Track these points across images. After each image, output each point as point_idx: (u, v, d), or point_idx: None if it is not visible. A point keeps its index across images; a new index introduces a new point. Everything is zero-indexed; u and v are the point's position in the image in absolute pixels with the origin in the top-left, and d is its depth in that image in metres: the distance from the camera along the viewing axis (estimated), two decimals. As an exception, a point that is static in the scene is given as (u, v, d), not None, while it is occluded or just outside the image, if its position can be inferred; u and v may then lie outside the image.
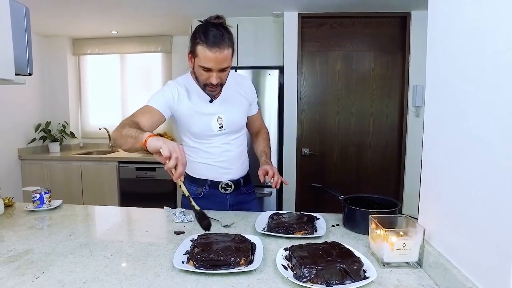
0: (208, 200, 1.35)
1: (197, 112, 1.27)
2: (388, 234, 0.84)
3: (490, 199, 0.62)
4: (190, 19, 2.95)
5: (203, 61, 1.14)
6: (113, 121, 3.78)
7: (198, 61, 1.16)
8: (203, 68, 1.16)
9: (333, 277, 0.74)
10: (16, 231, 1.13)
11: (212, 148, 1.32)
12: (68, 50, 3.65)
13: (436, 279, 0.77)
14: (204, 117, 1.28)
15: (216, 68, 1.15)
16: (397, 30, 2.79)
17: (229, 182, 1.35)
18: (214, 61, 1.13)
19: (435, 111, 0.85)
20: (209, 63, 1.13)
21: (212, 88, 1.20)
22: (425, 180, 0.90)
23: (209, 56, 1.12)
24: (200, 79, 1.20)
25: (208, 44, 1.11)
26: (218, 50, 1.11)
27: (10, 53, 1.07)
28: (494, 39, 0.62)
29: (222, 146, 1.33)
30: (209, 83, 1.18)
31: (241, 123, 1.37)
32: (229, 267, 0.81)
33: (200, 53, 1.13)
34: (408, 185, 2.83)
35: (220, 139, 1.32)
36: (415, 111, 2.77)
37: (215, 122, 1.28)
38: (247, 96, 1.37)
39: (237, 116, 1.34)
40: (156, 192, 3.11)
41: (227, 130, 1.31)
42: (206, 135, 1.30)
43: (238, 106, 1.34)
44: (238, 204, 1.39)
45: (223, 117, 1.29)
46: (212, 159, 1.33)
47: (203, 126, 1.28)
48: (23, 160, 3.26)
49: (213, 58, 1.12)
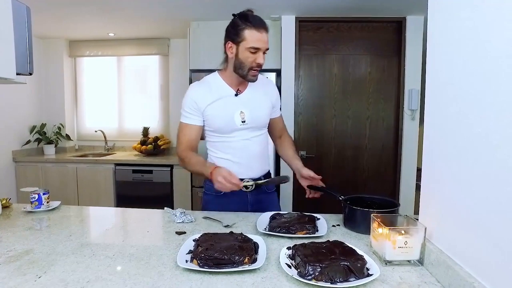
0: (228, 198, 1.35)
1: (221, 106, 1.31)
2: (390, 233, 0.85)
3: (490, 196, 0.64)
4: (187, 22, 2.96)
5: (251, 42, 1.22)
6: (109, 124, 3.77)
7: (246, 44, 1.23)
8: (251, 50, 1.23)
9: (337, 274, 0.75)
10: (14, 231, 1.11)
11: (233, 143, 1.34)
12: (64, 52, 3.63)
13: (438, 276, 0.78)
14: (228, 111, 1.32)
15: (264, 47, 1.24)
16: (393, 35, 2.83)
17: (250, 180, 1.33)
18: (262, 41, 1.22)
19: (435, 112, 0.87)
20: (258, 43, 1.22)
21: (256, 71, 1.27)
22: (426, 179, 0.91)
23: (258, 36, 1.21)
24: (247, 62, 1.25)
25: (256, 25, 1.21)
26: (264, 31, 1.23)
27: (12, 52, 1.07)
28: (493, 42, 0.64)
29: (243, 142, 1.35)
30: (255, 65, 1.25)
31: (263, 120, 1.39)
32: (233, 266, 0.81)
33: (248, 36, 1.22)
34: (404, 187, 2.86)
35: (241, 134, 1.34)
36: (411, 114, 2.80)
37: (238, 116, 1.31)
38: (271, 97, 1.43)
39: (260, 113, 1.37)
40: (153, 194, 3.10)
41: (249, 125, 1.34)
42: (228, 129, 1.33)
43: (261, 103, 1.38)
44: (258, 203, 1.39)
45: (246, 112, 1.32)
46: (233, 154, 1.35)
47: (226, 119, 1.31)
48: (18, 163, 3.22)
49: (261, 38, 1.22)
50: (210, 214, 1.30)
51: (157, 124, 3.73)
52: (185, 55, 3.12)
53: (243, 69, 1.27)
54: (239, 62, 1.27)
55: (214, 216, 1.28)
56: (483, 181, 0.66)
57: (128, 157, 3.29)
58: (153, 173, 3.10)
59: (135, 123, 3.72)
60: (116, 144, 3.77)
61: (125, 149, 3.74)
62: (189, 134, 1.33)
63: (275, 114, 1.48)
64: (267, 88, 1.43)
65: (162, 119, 3.73)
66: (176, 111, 3.64)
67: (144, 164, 3.11)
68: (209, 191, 1.39)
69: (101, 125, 3.73)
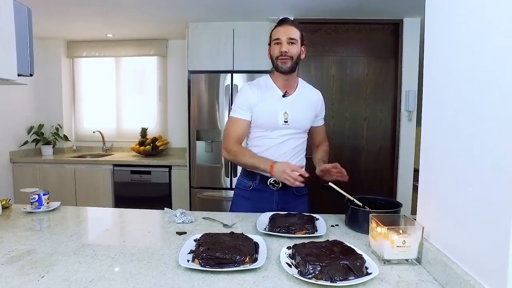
0: (256, 194, 1.43)
1: (269, 104, 1.42)
2: (389, 232, 0.87)
3: (486, 196, 0.65)
4: (186, 23, 2.97)
5: (274, 35, 1.38)
6: (107, 124, 3.76)
7: (272, 39, 1.40)
8: (275, 42, 1.37)
9: (337, 273, 0.76)
10: (15, 232, 1.12)
11: (273, 140, 1.42)
12: (62, 53, 3.63)
13: (435, 275, 0.80)
14: (273, 110, 1.41)
15: (284, 37, 1.35)
16: (390, 37, 2.86)
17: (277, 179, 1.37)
18: (282, 32, 1.36)
19: (432, 114, 0.89)
20: (278, 34, 1.36)
21: (283, 59, 1.36)
22: (423, 180, 0.93)
23: (278, 29, 1.37)
24: (274, 53, 1.39)
25: (279, 23, 1.39)
26: (286, 24, 1.37)
27: (13, 54, 1.08)
28: (489, 45, 0.66)
29: (282, 141, 1.42)
30: (280, 54, 1.35)
31: (304, 124, 1.46)
32: (234, 265, 0.82)
33: (273, 33, 1.39)
34: (401, 187, 2.88)
35: (282, 133, 1.41)
36: (408, 116, 2.83)
37: (281, 115, 1.40)
38: (315, 106, 1.50)
39: (302, 117, 1.44)
40: (151, 195, 3.10)
41: (290, 126, 1.41)
42: (271, 127, 1.42)
43: (304, 109, 1.45)
44: (284, 203, 1.42)
45: (289, 113, 1.40)
46: (271, 151, 1.41)
47: (270, 117, 1.41)
48: (15, 163, 3.21)
49: (282, 30, 1.36)
50: (210, 214, 1.32)
51: (155, 125, 3.73)
52: (183, 56, 3.13)
53: (273, 62, 1.40)
54: (271, 58, 1.42)
55: (214, 216, 1.29)
56: (479, 181, 0.68)
57: (126, 157, 3.29)
58: (151, 173, 3.10)
59: (133, 124, 3.72)
60: (114, 145, 3.76)
61: (123, 150, 3.74)
62: (239, 128, 1.44)
63: (317, 122, 1.54)
64: (314, 97, 1.51)
65: (160, 120, 3.74)
66: (175, 111, 3.65)
67: (143, 164, 3.11)
68: (240, 185, 1.51)
69: (99, 125, 3.72)
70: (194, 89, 2.88)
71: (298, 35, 1.37)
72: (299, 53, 1.39)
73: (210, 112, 2.88)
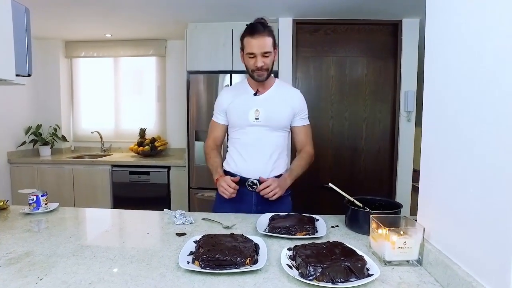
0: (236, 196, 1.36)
1: (240, 103, 1.44)
2: (390, 233, 0.87)
3: (487, 197, 0.65)
4: (185, 23, 2.96)
5: (248, 48, 1.34)
6: (105, 125, 3.75)
7: (245, 51, 1.36)
8: (249, 56, 1.35)
9: (338, 275, 0.76)
10: (13, 233, 1.11)
11: (247, 140, 1.43)
12: (60, 53, 3.61)
13: (436, 276, 0.80)
14: (245, 107, 1.43)
15: (259, 52, 1.33)
16: (389, 37, 2.86)
17: (255, 180, 1.39)
18: (256, 46, 1.32)
19: (432, 115, 0.89)
20: (252, 48, 1.32)
21: (259, 71, 1.36)
22: (424, 181, 0.93)
23: (252, 42, 1.32)
24: (249, 65, 1.38)
25: (251, 33, 1.32)
26: (258, 35, 1.31)
27: (11, 54, 1.07)
28: (489, 46, 0.66)
29: (256, 140, 1.42)
30: (255, 68, 1.36)
31: (278, 122, 1.44)
32: (235, 267, 0.82)
33: (246, 44, 1.35)
34: (400, 188, 2.88)
35: (255, 131, 1.42)
36: (407, 116, 2.83)
37: (252, 113, 1.42)
38: (292, 104, 1.46)
39: (276, 114, 1.43)
40: (150, 196, 3.09)
41: (263, 124, 1.42)
42: (242, 124, 1.43)
43: (279, 106, 1.44)
44: (263, 204, 1.40)
45: (261, 110, 1.41)
46: (245, 151, 1.43)
47: (241, 114, 1.43)
48: (13, 164, 3.19)
49: (255, 43, 1.32)
50: (210, 215, 1.31)
51: (154, 125, 3.72)
52: (182, 57, 3.12)
53: (248, 72, 1.41)
54: (245, 66, 1.42)
55: (214, 217, 1.28)
56: (480, 182, 0.67)
57: (125, 158, 3.28)
58: (150, 174, 3.09)
59: (131, 124, 3.71)
60: (112, 145, 3.75)
61: (122, 150, 3.72)
62: (216, 131, 1.53)
63: (298, 122, 1.50)
64: (290, 94, 1.49)
65: (159, 120, 3.73)
66: (173, 112, 3.64)
67: (141, 165, 3.10)
68: None
69: (98, 126, 3.71)
70: (193, 90, 2.87)
71: (271, 43, 1.34)
72: (274, 60, 1.40)
73: (209, 112, 2.87)
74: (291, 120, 1.47)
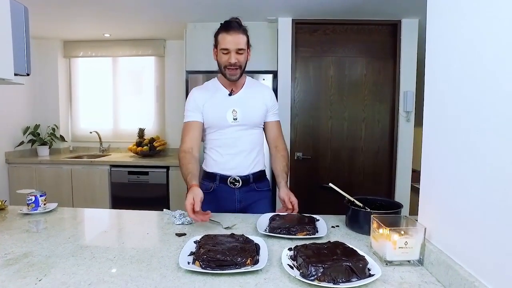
0: (217, 195, 1.43)
1: (216, 104, 1.42)
2: (391, 233, 0.86)
3: (488, 196, 0.65)
4: (184, 23, 2.96)
5: (222, 44, 1.33)
6: (104, 125, 3.74)
7: (219, 47, 1.35)
8: (223, 52, 1.34)
9: (339, 275, 0.76)
10: (11, 234, 1.10)
11: (225, 140, 1.42)
12: (59, 53, 3.60)
13: (438, 276, 0.79)
14: (222, 108, 1.41)
15: (233, 48, 1.32)
16: (388, 37, 2.86)
17: (237, 177, 1.41)
18: (231, 42, 1.31)
19: (433, 115, 0.88)
20: (227, 44, 1.32)
21: (232, 69, 1.36)
22: (424, 180, 0.92)
23: (227, 38, 1.32)
24: (221, 62, 1.37)
25: (226, 28, 1.32)
26: (234, 32, 1.31)
27: (10, 53, 1.06)
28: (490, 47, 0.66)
29: (234, 139, 1.42)
30: (228, 64, 1.35)
31: (255, 120, 1.45)
32: (235, 267, 0.81)
33: (220, 39, 1.34)
34: (399, 188, 2.88)
35: (233, 131, 1.42)
36: (406, 116, 2.83)
37: (230, 113, 1.40)
38: (264, 100, 1.48)
39: (253, 113, 1.44)
40: (149, 196, 3.08)
41: (241, 123, 1.41)
42: (221, 125, 1.41)
43: (254, 104, 1.45)
44: (246, 200, 1.44)
45: (238, 110, 1.41)
46: (224, 150, 1.42)
47: (219, 116, 1.41)
48: (10, 164, 3.17)
49: (230, 39, 1.31)
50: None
51: (152, 125, 3.71)
52: (181, 56, 3.11)
53: (221, 69, 1.40)
54: (218, 64, 1.40)
55: (214, 217, 1.27)
56: (481, 182, 0.67)
57: (124, 158, 3.27)
58: (149, 174, 3.08)
59: (130, 124, 3.70)
60: (111, 145, 3.73)
61: (121, 150, 3.71)
62: (192, 131, 1.43)
63: (270, 117, 1.52)
64: (262, 91, 1.50)
65: (158, 120, 3.72)
66: (172, 112, 3.63)
67: (140, 165, 3.09)
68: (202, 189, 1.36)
69: (96, 126, 3.69)
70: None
71: (245, 41, 1.36)
72: (247, 60, 1.40)
73: (208, 112, 2.87)
74: (265, 116, 1.49)
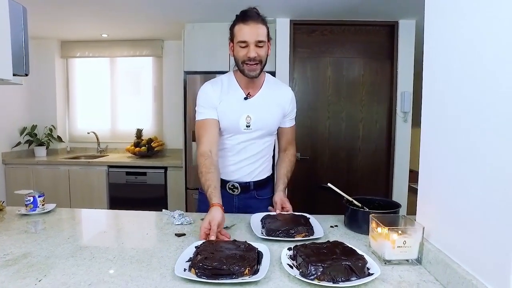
0: None
1: (229, 107, 1.30)
2: (390, 233, 0.87)
3: (486, 196, 0.66)
4: (182, 24, 2.96)
5: (239, 36, 1.20)
6: (102, 125, 3.73)
7: (236, 40, 1.21)
8: (240, 45, 1.20)
9: (339, 274, 0.76)
10: (10, 235, 1.10)
11: (231, 145, 1.34)
12: (56, 53, 3.58)
13: (436, 275, 0.80)
14: (235, 113, 1.30)
15: (252, 40, 1.18)
16: (386, 38, 2.88)
17: (235, 183, 1.36)
18: (249, 34, 1.18)
19: (431, 115, 0.89)
20: (245, 36, 1.18)
21: (251, 65, 1.22)
22: (423, 180, 0.93)
23: (245, 29, 1.18)
24: (239, 56, 1.23)
25: (244, 19, 1.19)
26: (252, 22, 1.18)
27: (8, 53, 1.06)
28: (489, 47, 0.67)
29: (243, 145, 1.33)
30: (247, 58, 1.21)
31: (269, 128, 1.35)
32: (232, 277, 0.77)
33: (237, 31, 1.21)
34: (396, 188, 2.90)
35: (243, 137, 1.33)
36: (403, 117, 2.85)
37: (243, 119, 1.30)
38: (283, 106, 1.37)
39: (267, 121, 1.33)
40: (147, 197, 3.07)
41: (253, 130, 1.32)
42: (230, 130, 1.32)
43: (269, 111, 1.33)
44: (245, 207, 1.38)
45: (252, 116, 1.30)
46: (232, 155, 1.35)
47: (232, 121, 1.31)
48: (7, 165, 3.16)
49: (248, 30, 1.18)
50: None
51: (150, 126, 3.71)
52: (179, 57, 3.11)
53: (238, 65, 1.26)
54: (235, 59, 1.27)
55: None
56: (480, 182, 0.68)
57: (122, 159, 3.26)
58: (147, 175, 3.07)
59: (128, 125, 3.69)
60: (109, 146, 3.73)
61: (118, 151, 3.70)
62: (209, 130, 1.29)
63: (286, 123, 1.42)
64: (282, 94, 1.37)
65: (156, 120, 3.71)
66: (170, 112, 3.63)
67: (138, 166, 3.08)
68: (201, 190, 1.35)
69: (94, 126, 3.68)
70: (190, 90, 2.87)
71: (265, 32, 1.21)
72: (267, 54, 1.25)
73: (206, 113, 2.87)
74: (280, 122, 1.40)
